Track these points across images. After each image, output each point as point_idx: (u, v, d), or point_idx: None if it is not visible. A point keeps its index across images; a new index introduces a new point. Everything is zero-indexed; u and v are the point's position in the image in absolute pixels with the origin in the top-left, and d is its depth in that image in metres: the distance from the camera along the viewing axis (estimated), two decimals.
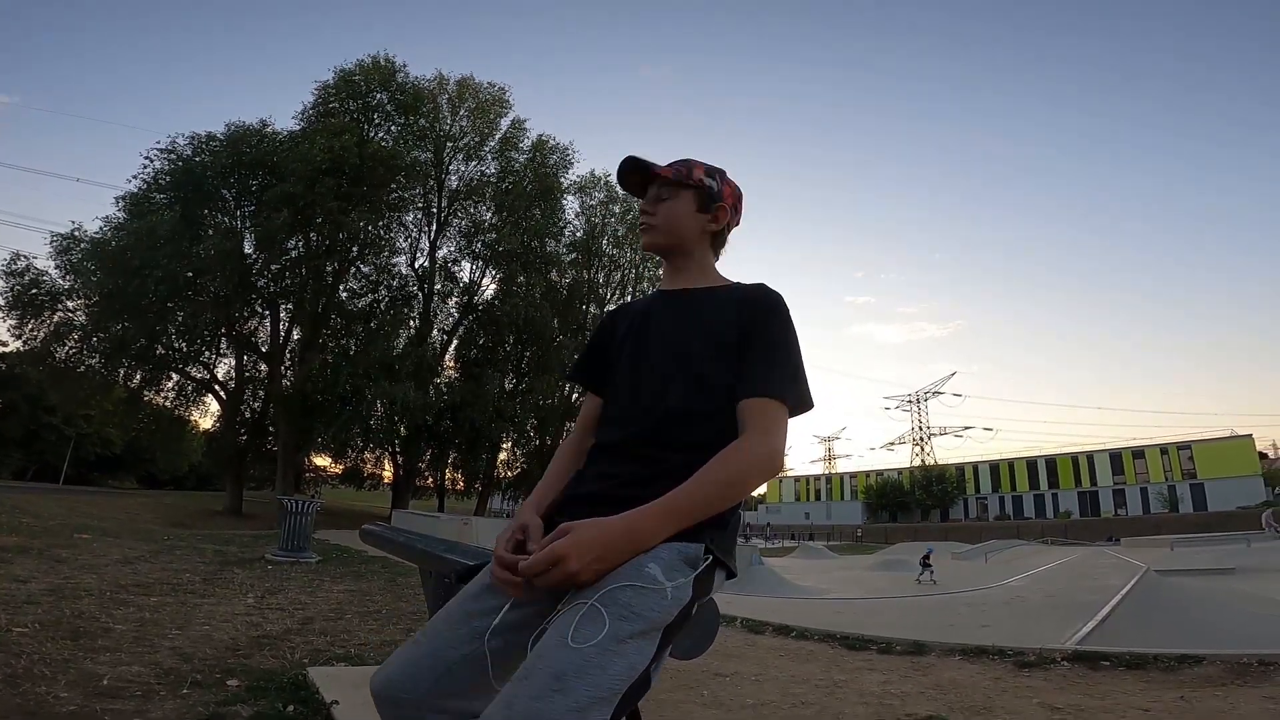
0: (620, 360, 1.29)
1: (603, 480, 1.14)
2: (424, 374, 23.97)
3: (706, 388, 1.17)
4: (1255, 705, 3.32)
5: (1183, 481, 58.06)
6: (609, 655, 0.89)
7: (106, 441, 42.74)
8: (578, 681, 0.86)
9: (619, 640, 0.91)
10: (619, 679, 0.90)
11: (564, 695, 0.85)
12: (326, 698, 2.82)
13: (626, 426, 1.19)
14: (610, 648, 0.90)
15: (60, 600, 4.68)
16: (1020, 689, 3.82)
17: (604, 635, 0.90)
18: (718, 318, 1.23)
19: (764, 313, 1.22)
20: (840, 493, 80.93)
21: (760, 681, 4.01)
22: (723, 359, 1.18)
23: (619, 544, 0.96)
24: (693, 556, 1.02)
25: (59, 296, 21.54)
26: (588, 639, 0.89)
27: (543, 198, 26.35)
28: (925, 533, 57.14)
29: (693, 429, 1.14)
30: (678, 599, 0.98)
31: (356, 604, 5.89)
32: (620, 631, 0.91)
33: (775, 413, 1.12)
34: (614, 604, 0.92)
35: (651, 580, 0.96)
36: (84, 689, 2.76)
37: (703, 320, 1.23)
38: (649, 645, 0.95)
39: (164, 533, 12.69)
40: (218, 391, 25.45)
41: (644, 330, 1.29)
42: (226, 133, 23.04)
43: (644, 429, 1.16)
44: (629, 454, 1.15)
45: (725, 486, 1.05)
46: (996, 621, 6.67)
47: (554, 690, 0.85)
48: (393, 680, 1.05)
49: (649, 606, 0.94)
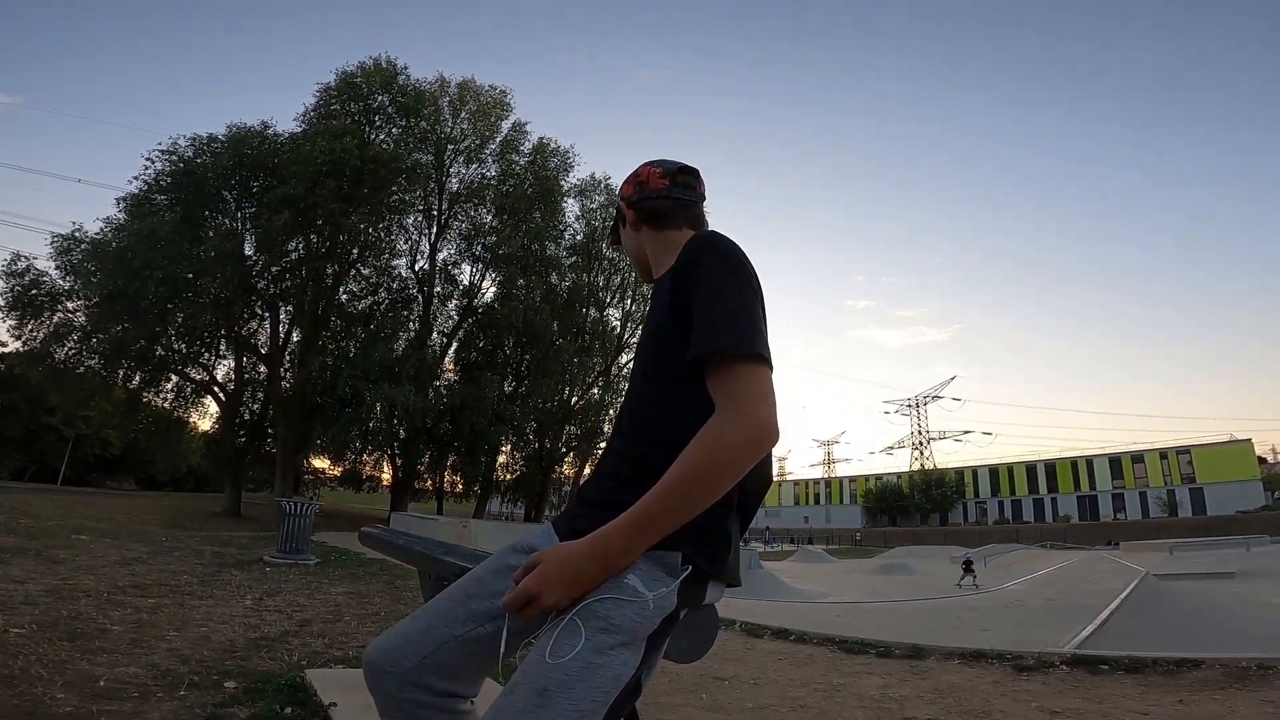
0: None
1: (601, 481, 1.15)
2: (424, 377, 23.96)
3: (650, 378, 1.12)
4: (1254, 709, 3.32)
5: (1182, 486, 58.05)
6: (591, 669, 0.90)
7: (105, 442, 42.67)
8: (560, 696, 0.88)
9: (599, 652, 0.91)
10: (602, 690, 0.90)
11: (547, 710, 0.87)
12: (324, 699, 2.82)
13: (617, 431, 1.20)
14: (592, 660, 0.90)
15: (58, 601, 4.67)
16: (1019, 693, 3.82)
17: (582, 648, 0.90)
18: (657, 301, 1.16)
19: (692, 264, 1.05)
20: (839, 496, 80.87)
21: (759, 685, 4.01)
22: (663, 343, 1.08)
23: (588, 569, 0.93)
24: (670, 564, 0.98)
25: (59, 297, 21.50)
26: (567, 654, 0.90)
27: (543, 201, 26.34)
28: (924, 537, 57.11)
29: (654, 427, 1.07)
30: (660, 607, 0.95)
31: (355, 606, 5.89)
32: (600, 644, 0.91)
33: (742, 371, 0.93)
34: (592, 617, 0.92)
35: (631, 592, 0.94)
36: (81, 690, 2.75)
37: (651, 312, 1.20)
38: (633, 655, 0.94)
39: (162, 534, 12.67)
40: (217, 393, 25.40)
41: None
42: (228, 134, 23.02)
43: (618, 432, 1.18)
44: (617, 456, 1.15)
45: (693, 484, 0.91)
46: (996, 625, 6.67)
47: (537, 705, 0.87)
48: (383, 650, 1.09)
49: (628, 617, 0.93)
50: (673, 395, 1.05)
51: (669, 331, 1.06)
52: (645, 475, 0.96)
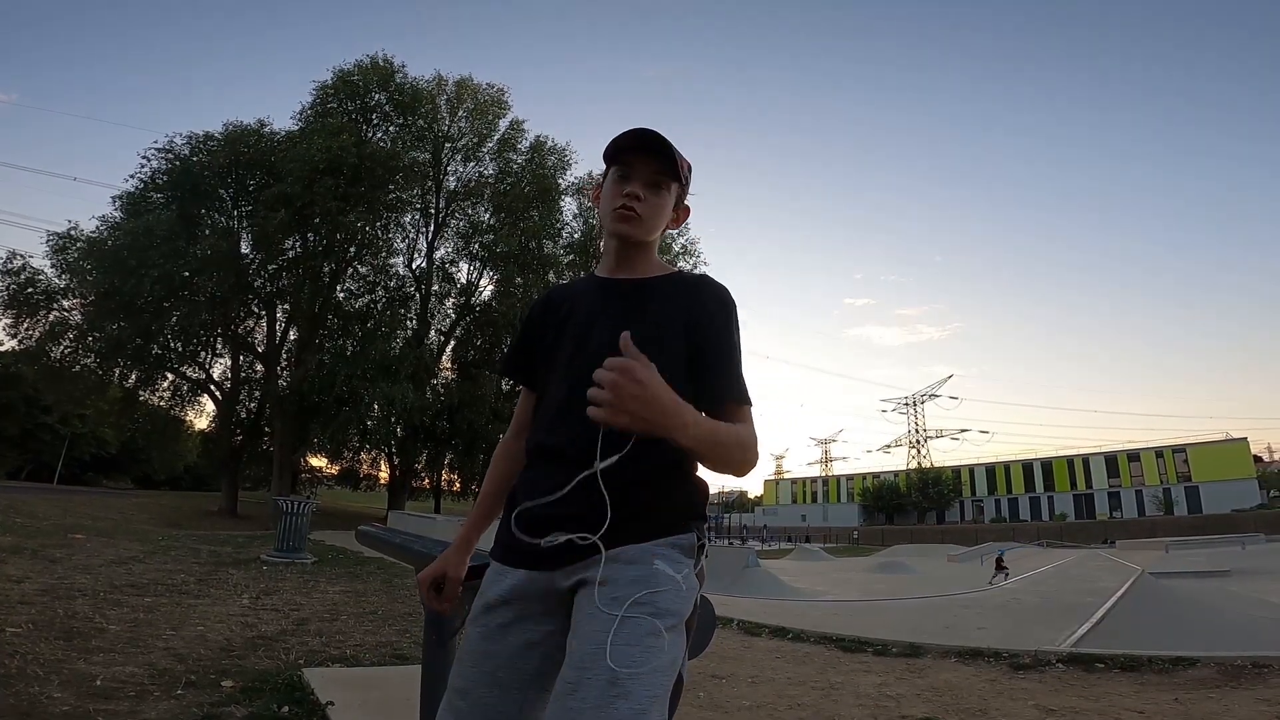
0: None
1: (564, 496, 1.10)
2: (421, 375, 23.92)
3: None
4: (1249, 708, 3.33)
5: (1177, 484, 58.21)
6: (653, 652, 0.90)
7: (101, 441, 42.54)
8: (634, 684, 0.87)
9: (656, 636, 0.92)
10: (667, 674, 0.92)
11: (627, 700, 0.85)
12: (322, 698, 2.82)
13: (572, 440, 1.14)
14: (652, 645, 0.91)
15: (54, 600, 4.67)
16: (1015, 691, 3.82)
17: (643, 634, 0.91)
18: (661, 316, 1.13)
19: (719, 311, 1.15)
20: (837, 495, 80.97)
21: (757, 683, 4.02)
22: (663, 359, 1.05)
23: (669, 407, 0.89)
24: (687, 546, 1.03)
25: (55, 295, 21.43)
26: (630, 641, 0.90)
27: (540, 199, 26.30)
28: (921, 535, 57.25)
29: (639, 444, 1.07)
30: (690, 589, 1.00)
31: (352, 605, 5.89)
32: (655, 628, 0.92)
33: (749, 415, 1.09)
34: (642, 605, 0.93)
35: (665, 577, 0.97)
36: (77, 689, 2.75)
37: (649, 319, 1.13)
38: (681, 639, 0.97)
39: (159, 533, 12.65)
40: (213, 392, 25.35)
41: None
42: (224, 132, 22.97)
43: (574, 441, 1.10)
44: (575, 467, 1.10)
45: (740, 449, 1.01)
46: (992, 624, 6.68)
47: (614, 696, 0.85)
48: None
49: (670, 600, 0.96)
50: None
51: (677, 354, 1.08)
52: (616, 490, 0.97)
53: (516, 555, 1.07)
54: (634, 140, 1.17)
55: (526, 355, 1.26)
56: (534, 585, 1.05)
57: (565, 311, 1.21)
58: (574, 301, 1.22)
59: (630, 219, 1.16)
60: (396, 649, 4.19)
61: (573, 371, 1.11)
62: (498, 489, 1.26)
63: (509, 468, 1.25)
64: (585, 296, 1.21)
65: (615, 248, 1.21)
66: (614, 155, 1.19)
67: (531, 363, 1.25)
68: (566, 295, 1.26)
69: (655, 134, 1.16)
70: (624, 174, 1.18)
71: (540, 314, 1.26)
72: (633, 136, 1.16)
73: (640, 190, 1.16)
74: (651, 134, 1.16)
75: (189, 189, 21.94)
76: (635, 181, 1.17)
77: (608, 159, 1.20)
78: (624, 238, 1.19)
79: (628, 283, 1.19)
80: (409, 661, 3.74)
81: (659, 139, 1.16)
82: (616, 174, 1.19)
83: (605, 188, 1.21)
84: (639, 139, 1.16)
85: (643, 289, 1.18)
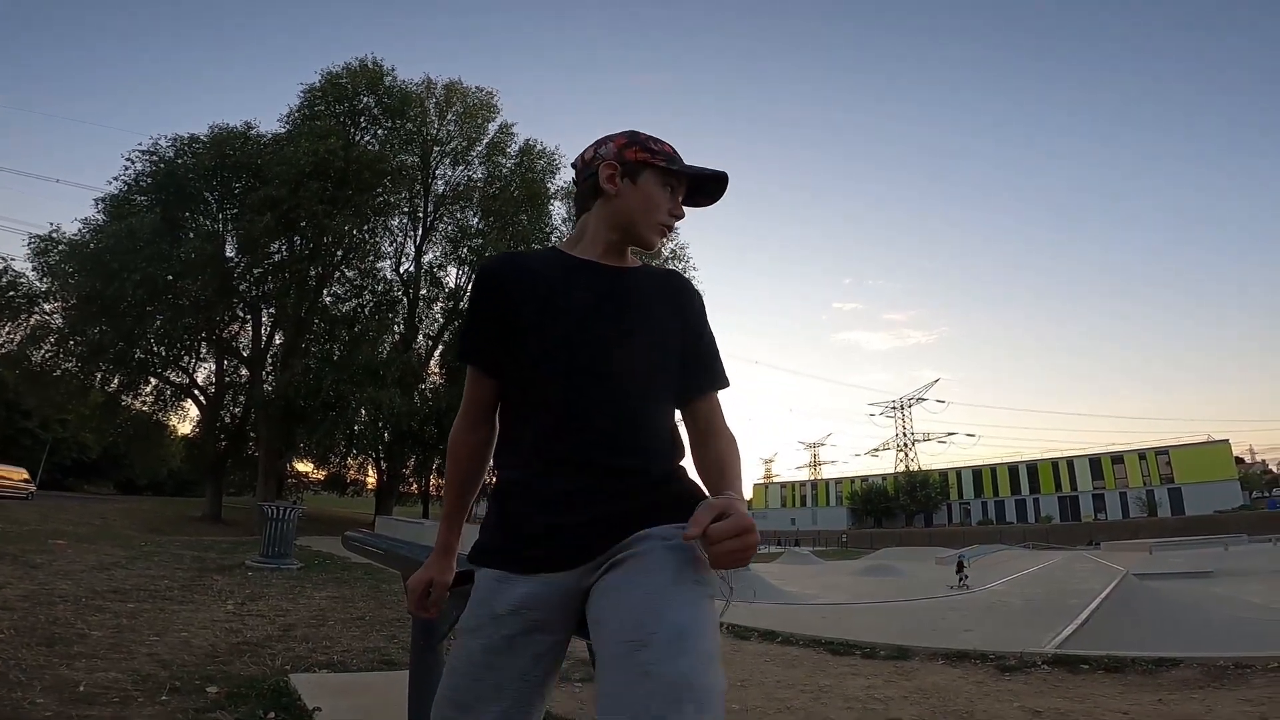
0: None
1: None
2: (409, 380, 23.79)
3: (662, 391, 1.21)
4: (1232, 708, 3.37)
5: (1161, 486, 58.90)
6: (708, 614, 0.94)
7: (83, 446, 41.91)
8: (701, 641, 0.89)
9: (708, 600, 0.96)
10: (717, 637, 0.94)
11: (693, 655, 0.86)
12: (309, 704, 2.80)
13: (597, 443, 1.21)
14: (706, 607, 0.95)
15: (36, 606, 4.61)
16: (1002, 693, 3.85)
17: (699, 596, 0.94)
18: (657, 311, 1.19)
19: (699, 301, 1.26)
20: (825, 498, 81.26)
21: (746, 687, 4.03)
22: (669, 358, 1.20)
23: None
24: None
25: (36, 299, 21.15)
26: (688, 600, 0.92)
27: (530, 203, 26.25)
28: (909, 538, 57.50)
29: (657, 440, 1.19)
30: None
31: (339, 611, 5.84)
32: (703, 593, 0.96)
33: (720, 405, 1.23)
34: (688, 569, 0.96)
35: (698, 553, 0.98)
36: (60, 695, 2.71)
37: (650, 320, 1.17)
38: (714, 611, 1.00)
39: (141, 539, 12.50)
40: (197, 396, 25.10)
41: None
42: (210, 135, 22.75)
43: (595, 443, 1.19)
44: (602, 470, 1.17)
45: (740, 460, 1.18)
46: (979, 626, 6.73)
47: (683, 650, 0.86)
48: None
49: (706, 571, 0.98)
50: (670, 413, 1.19)
51: (675, 351, 1.19)
52: (637, 488, 1.07)
53: (534, 561, 1.04)
54: (715, 178, 1.20)
55: (496, 336, 1.13)
56: (553, 590, 1.03)
57: (544, 291, 1.12)
58: (550, 281, 1.14)
59: (666, 237, 1.27)
60: (384, 654, 4.16)
61: (575, 366, 1.08)
62: (468, 490, 1.26)
63: (474, 466, 1.23)
64: (566, 277, 1.15)
65: (616, 241, 1.19)
66: (679, 171, 1.19)
67: (501, 345, 1.13)
68: (535, 270, 1.16)
69: (727, 184, 1.22)
70: (673, 189, 1.20)
71: (511, 288, 1.13)
72: (717, 176, 1.20)
73: (680, 212, 1.22)
74: (726, 183, 1.22)
75: (173, 192, 21.71)
76: (679, 205, 1.22)
77: (671, 169, 1.18)
78: (648, 249, 1.22)
79: (611, 270, 1.18)
80: (396, 667, 3.72)
81: (724, 191, 1.23)
82: (664, 184, 1.18)
83: (650, 189, 1.17)
84: (720, 182, 1.21)
85: (626, 281, 1.18)
